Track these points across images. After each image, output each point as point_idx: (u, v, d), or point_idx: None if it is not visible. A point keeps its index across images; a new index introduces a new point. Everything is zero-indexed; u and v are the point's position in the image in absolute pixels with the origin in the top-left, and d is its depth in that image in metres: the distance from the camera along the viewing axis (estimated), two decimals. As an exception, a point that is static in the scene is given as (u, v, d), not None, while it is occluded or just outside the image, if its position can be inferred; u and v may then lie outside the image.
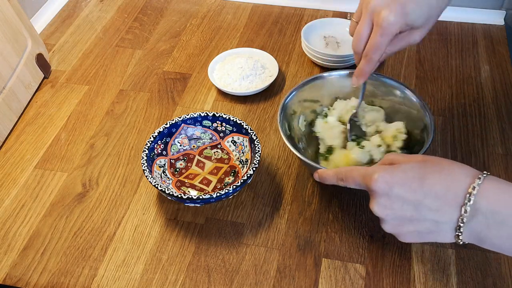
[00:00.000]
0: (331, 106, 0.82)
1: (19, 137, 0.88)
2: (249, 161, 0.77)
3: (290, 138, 0.76)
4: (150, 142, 0.77)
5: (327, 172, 0.63)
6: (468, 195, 0.51)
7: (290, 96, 0.78)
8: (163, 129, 0.79)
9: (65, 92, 0.96)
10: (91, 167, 0.83)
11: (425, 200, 0.53)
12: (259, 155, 0.74)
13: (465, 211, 0.51)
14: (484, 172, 0.53)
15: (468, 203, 0.51)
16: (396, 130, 0.75)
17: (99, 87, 0.97)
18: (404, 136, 0.75)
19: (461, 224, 0.52)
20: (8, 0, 0.89)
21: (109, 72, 1.00)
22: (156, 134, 0.78)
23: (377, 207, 0.55)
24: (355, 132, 0.78)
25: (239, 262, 0.70)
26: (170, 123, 0.80)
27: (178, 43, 1.06)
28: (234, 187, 0.70)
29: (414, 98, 0.77)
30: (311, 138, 0.80)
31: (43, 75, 0.98)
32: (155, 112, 0.91)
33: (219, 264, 0.70)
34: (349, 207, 0.76)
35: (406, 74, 0.97)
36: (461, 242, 0.53)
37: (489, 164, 0.81)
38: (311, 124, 0.81)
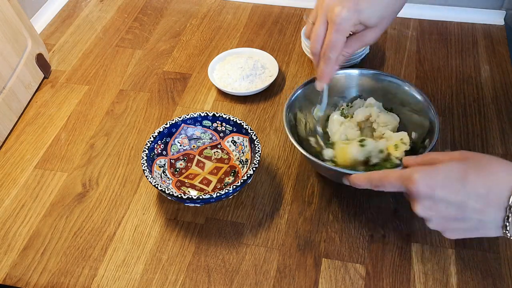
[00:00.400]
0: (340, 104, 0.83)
1: (19, 137, 0.88)
2: (249, 161, 0.77)
3: (296, 135, 0.77)
4: (150, 142, 0.77)
5: (358, 177, 0.63)
6: (511, 196, 0.51)
7: (295, 95, 0.78)
8: (163, 129, 0.79)
9: (65, 92, 0.96)
10: (91, 167, 0.83)
11: (468, 201, 0.53)
12: (259, 155, 0.74)
13: (510, 212, 0.52)
14: None
15: None
16: (400, 140, 0.75)
17: (99, 87, 0.97)
18: (406, 147, 0.74)
19: (507, 224, 0.52)
20: (8, 0, 0.89)
21: (109, 72, 1.00)
22: (156, 134, 0.78)
23: (421, 210, 0.56)
24: (366, 132, 0.79)
25: (239, 262, 0.70)
26: (170, 123, 0.80)
27: (178, 43, 1.06)
28: (234, 187, 0.70)
29: (418, 96, 0.77)
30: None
31: (43, 75, 0.98)
32: (155, 112, 0.91)
33: (219, 264, 0.70)
34: (349, 207, 0.76)
35: (406, 74, 0.97)
36: (509, 235, 0.54)
37: (489, 164, 0.81)
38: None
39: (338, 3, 0.65)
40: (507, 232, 0.53)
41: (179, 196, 0.70)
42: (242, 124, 0.79)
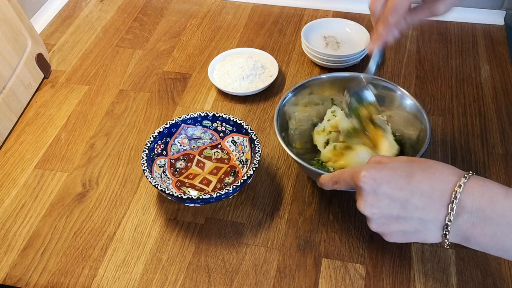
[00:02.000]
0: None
1: (19, 137, 0.88)
2: (249, 161, 0.77)
3: (287, 141, 0.77)
4: (150, 142, 0.77)
5: (324, 177, 0.62)
6: (454, 193, 0.51)
7: (286, 99, 0.79)
8: (163, 129, 0.79)
9: (65, 92, 0.96)
10: (91, 167, 0.83)
11: (412, 198, 0.53)
12: (259, 155, 0.74)
13: (452, 209, 0.51)
14: (470, 171, 0.53)
15: (455, 201, 0.51)
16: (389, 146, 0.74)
17: (99, 87, 0.97)
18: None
19: (448, 223, 0.51)
20: (8, 0, 0.89)
21: (109, 72, 1.00)
22: (156, 134, 0.78)
23: (364, 205, 0.55)
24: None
25: (239, 262, 0.70)
26: (170, 123, 0.80)
27: (178, 43, 1.06)
28: (234, 187, 0.70)
29: (410, 101, 0.77)
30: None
31: (43, 75, 0.98)
32: (155, 112, 0.91)
33: (219, 264, 0.70)
34: (349, 207, 0.76)
35: (406, 74, 0.97)
36: (447, 242, 0.53)
37: (489, 164, 0.81)
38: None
39: None
40: (446, 233, 0.52)
41: (179, 196, 0.70)
42: (242, 124, 0.79)
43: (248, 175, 0.71)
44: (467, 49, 1.02)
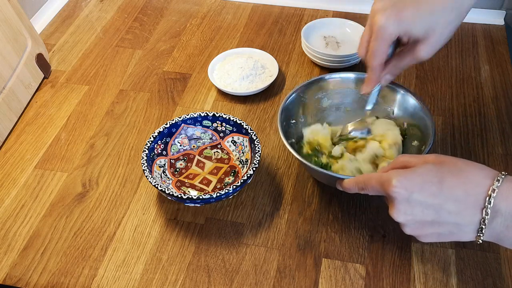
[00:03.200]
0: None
1: (19, 137, 0.88)
2: (249, 161, 0.77)
3: (291, 141, 0.76)
4: (150, 142, 0.77)
5: (348, 182, 0.63)
6: (488, 197, 0.51)
7: (290, 98, 0.78)
8: (163, 129, 0.79)
9: (65, 92, 0.96)
10: (91, 167, 0.83)
11: (445, 204, 0.53)
12: (259, 155, 0.74)
13: (486, 214, 0.51)
14: (503, 172, 0.53)
15: (489, 206, 0.51)
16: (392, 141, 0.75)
17: (99, 87, 0.97)
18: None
19: (483, 226, 0.52)
20: (8, 0, 0.89)
21: (109, 72, 1.00)
22: (156, 134, 0.78)
23: (397, 214, 0.55)
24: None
25: (239, 262, 0.70)
26: (170, 123, 0.80)
27: (178, 43, 1.06)
28: (234, 187, 0.70)
29: (415, 101, 0.77)
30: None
31: (43, 75, 0.98)
32: (155, 112, 0.91)
33: (219, 264, 0.70)
34: (349, 207, 0.76)
35: (406, 74, 0.97)
36: (480, 241, 0.54)
37: (489, 164, 0.81)
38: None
39: (381, 10, 0.63)
40: (480, 235, 0.53)
41: (179, 196, 0.70)
42: (242, 124, 0.79)
43: (248, 175, 0.71)
44: (467, 49, 1.02)
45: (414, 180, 0.54)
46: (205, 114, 0.81)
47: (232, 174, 0.79)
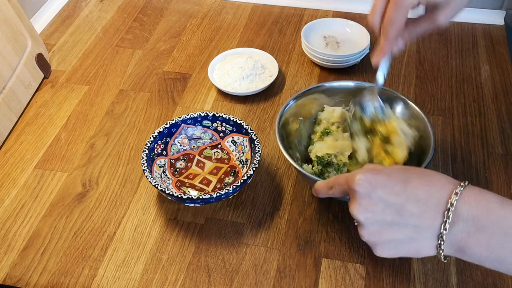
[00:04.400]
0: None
1: (19, 137, 0.88)
2: (249, 161, 0.77)
3: (287, 146, 0.76)
4: (150, 142, 0.77)
5: (319, 183, 0.61)
6: (450, 200, 0.50)
7: (287, 107, 0.77)
8: (163, 129, 0.79)
9: (65, 92, 0.96)
10: (91, 167, 0.83)
11: (407, 204, 0.51)
12: (259, 155, 0.74)
13: (448, 217, 0.50)
14: (466, 181, 0.52)
15: (451, 209, 0.49)
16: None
17: (99, 87, 0.97)
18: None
19: (444, 231, 0.50)
20: (8, 0, 0.89)
21: (109, 72, 1.00)
22: (156, 134, 0.78)
23: (358, 209, 0.53)
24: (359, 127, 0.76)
25: (239, 262, 0.70)
26: (170, 123, 0.80)
27: (178, 43, 1.06)
28: (234, 187, 0.70)
29: (415, 111, 0.75)
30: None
31: (43, 75, 0.98)
32: (155, 112, 0.91)
33: (219, 264, 0.70)
34: (349, 207, 0.76)
35: (406, 74, 0.97)
36: (442, 253, 0.51)
37: (489, 164, 0.81)
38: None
39: None
40: (441, 243, 0.51)
41: (179, 196, 0.70)
42: (242, 124, 0.79)
43: (248, 175, 0.71)
44: (467, 49, 1.02)
45: (379, 176, 0.53)
46: (205, 114, 0.81)
47: (232, 174, 0.79)
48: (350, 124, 0.75)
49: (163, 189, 0.70)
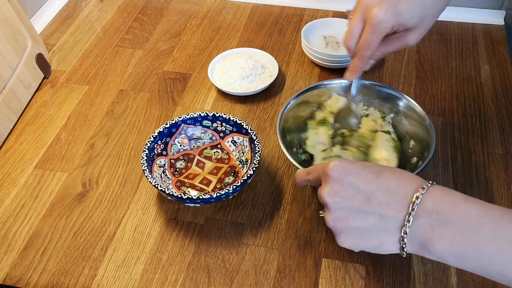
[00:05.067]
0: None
1: (19, 137, 0.88)
2: (249, 161, 0.77)
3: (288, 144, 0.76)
4: (150, 142, 0.77)
5: (299, 171, 0.63)
6: (416, 193, 0.51)
7: (288, 106, 0.78)
8: (163, 129, 0.79)
9: (65, 92, 0.96)
10: (91, 167, 0.83)
11: (376, 193, 0.53)
12: (259, 155, 0.74)
13: (412, 209, 0.51)
14: (434, 182, 0.53)
15: (416, 201, 0.51)
16: (383, 159, 0.76)
17: (99, 87, 0.97)
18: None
19: (407, 223, 0.51)
20: (8, 0, 0.89)
21: (109, 72, 1.00)
22: (156, 134, 0.78)
23: (327, 192, 0.54)
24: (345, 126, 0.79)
25: (239, 262, 0.70)
26: (170, 123, 0.80)
27: (178, 43, 1.06)
28: (234, 187, 0.70)
29: (416, 109, 0.77)
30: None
31: (43, 75, 0.98)
32: (155, 112, 0.91)
33: (219, 264, 0.70)
34: (349, 207, 0.76)
35: (406, 74, 0.97)
36: (404, 248, 0.52)
37: (489, 164, 0.81)
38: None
39: (377, 4, 0.64)
40: (404, 236, 0.51)
41: (179, 196, 0.70)
42: (242, 124, 0.79)
43: (248, 175, 0.71)
44: (467, 49, 1.02)
45: (354, 165, 0.55)
46: (205, 114, 0.81)
47: (232, 174, 0.79)
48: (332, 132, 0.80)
49: (163, 189, 0.70)
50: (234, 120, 0.79)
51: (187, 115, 0.80)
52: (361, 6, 0.66)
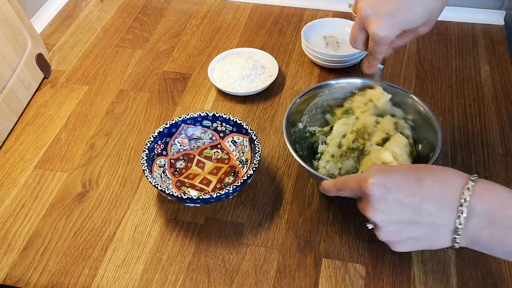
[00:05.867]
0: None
1: (19, 137, 0.88)
2: (249, 161, 0.77)
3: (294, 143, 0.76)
4: (150, 142, 0.77)
5: (327, 183, 0.62)
6: (463, 195, 0.51)
7: (294, 105, 0.77)
8: (163, 129, 0.79)
9: (65, 92, 0.96)
10: (91, 167, 0.83)
11: (424, 203, 0.52)
12: (259, 155, 0.74)
13: (462, 213, 0.51)
14: (475, 174, 0.53)
15: (464, 204, 0.50)
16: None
17: (99, 87, 0.97)
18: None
19: (459, 226, 0.51)
20: (8, 0, 0.89)
21: (109, 72, 1.00)
22: (156, 134, 0.78)
23: (374, 213, 0.53)
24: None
25: (239, 262, 0.70)
26: (170, 123, 0.80)
27: (178, 43, 1.06)
28: (234, 187, 0.70)
29: (422, 108, 0.75)
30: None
31: (43, 75, 0.98)
32: (155, 112, 0.91)
33: (219, 264, 0.70)
34: (349, 207, 0.76)
35: (406, 74, 0.97)
36: (457, 246, 0.53)
37: (489, 164, 0.81)
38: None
39: (375, 17, 0.63)
40: (456, 238, 0.52)
41: (179, 196, 0.70)
42: (242, 124, 0.79)
43: (248, 175, 0.71)
44: (467, 49, 1.02)
45: (392, 178, 0.53)
46: (205, 114, 0.81)
47: (232, 174, 0.79)
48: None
49: (163, 189, 0.70)
50: (234, 120, 0.79)
51: (187, 115, 0.80)
52: (359, 14, 0.65)
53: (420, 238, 0.53)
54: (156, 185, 0.70)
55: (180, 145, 0.81)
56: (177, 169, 0.80)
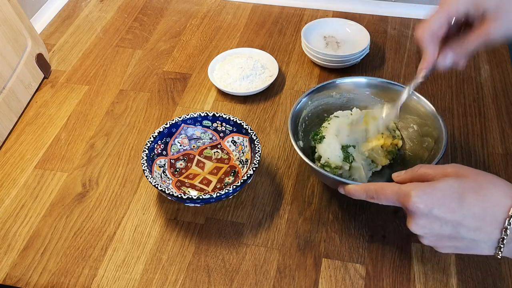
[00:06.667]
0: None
1: (19, 137, 0.88)
2: (249, 161, 0.77)
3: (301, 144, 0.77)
4: (150, 142, 0.77)
5: (355, 188, 0.62)
6: (508, 218, 0.51)
7: (300, 104, 0.77)
8: (163, 129, 0.79)
9: (65, 92, 0.96)
10: (91, 167, 0.83)
11: (464, 221, 0.53)
12: (259, 155, 0.74)
13: (506, 234, 0.52)
14: None
15: (508, 227, 0.51)
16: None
17: (99, 87, 0.97)
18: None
19: (502, 246, 0.53)
20: (8, 0, 0.89)
21: (109, 72, 1.00)
22: (156, 134, 0.78)
23: (416, 227, 0.56)
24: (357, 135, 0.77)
25: (239, 262, 0.70)
26: (170, 123, 0.80)
27: (178, 43, 1.06)
28: (234, 187, 0.70)
29: (427, 107, 0.76)
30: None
31: (43, 75, 0.98)
32: (155, 112, 0.91)
33: (219, 264, 0.70)
34: (349, 207, 0.76)
35: (406, 74, 0.97)
36: (499, 256, 0.54)
37: (489, 164, 0.81)
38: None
39: (493, 14, 0.58)
40: (499, 252, 0.53)
41: (179, 196, 0.70)
42: (242, 124, 0.79)
43: (248, 175, 0.71)
44: (467, 49, 1.02)
45: (434, 195, 0.54)
46: (205, 114, 0.81)
47: (232, 174, 0.79)
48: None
49: (163, 189, 0.70)
50: (234, 120, 0.79)
51: (187, 115, 0.80)
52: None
53: (460, 248, 0.56)
54: (156, 185, 0.70)
55: (180, 145, 0.81)
56: (177, 169, 0.80)
